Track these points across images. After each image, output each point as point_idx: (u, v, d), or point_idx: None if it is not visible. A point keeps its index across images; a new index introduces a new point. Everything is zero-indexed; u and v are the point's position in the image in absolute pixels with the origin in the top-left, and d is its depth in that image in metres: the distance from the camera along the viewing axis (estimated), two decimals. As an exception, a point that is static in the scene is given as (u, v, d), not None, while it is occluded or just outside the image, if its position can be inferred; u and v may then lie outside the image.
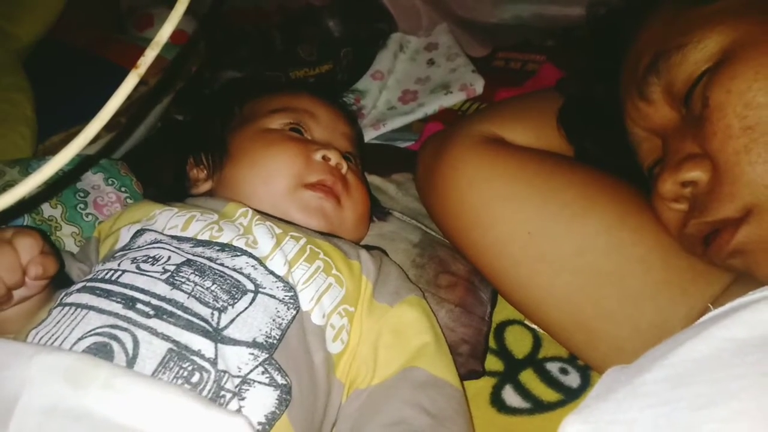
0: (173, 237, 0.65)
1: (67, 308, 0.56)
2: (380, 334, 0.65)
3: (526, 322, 0.81)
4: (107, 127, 0.69)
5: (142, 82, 0.55)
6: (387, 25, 1.33)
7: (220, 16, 1.28)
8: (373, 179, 0.91)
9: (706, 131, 0.56)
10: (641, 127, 0.65)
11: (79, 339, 0.53)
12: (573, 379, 0.74)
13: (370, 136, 1.15)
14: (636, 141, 0.67)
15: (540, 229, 0.70)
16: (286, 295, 0.60)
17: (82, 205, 0.87)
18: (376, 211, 0.87)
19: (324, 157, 0.76)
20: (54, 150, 1.01)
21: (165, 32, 0.49)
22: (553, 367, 0.76)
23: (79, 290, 0.58)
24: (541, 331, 0.78)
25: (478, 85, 1.20)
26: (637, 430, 0.34)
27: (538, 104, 0.82)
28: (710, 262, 0.60)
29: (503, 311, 0.82)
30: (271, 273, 0.62)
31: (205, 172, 0.82)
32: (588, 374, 0.74)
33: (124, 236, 0.68)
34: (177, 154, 0.86)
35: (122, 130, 1.03)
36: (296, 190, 0.74)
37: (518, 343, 0.79)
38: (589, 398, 0.39)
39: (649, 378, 0.37)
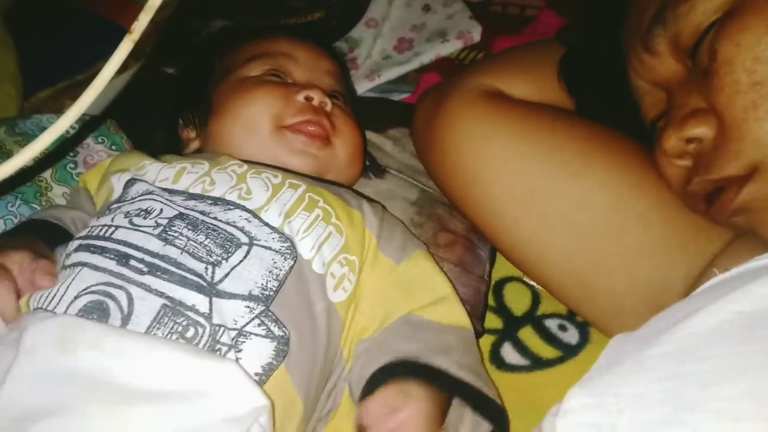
0: (164, 189, 0.65)
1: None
2: (387, 292, 0.65)
3: (525, 278, 0.80)
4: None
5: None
6: (381, -31, 1.29)
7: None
8: (369, 135, 0.89)
9: (712, 86, 0.54)
10: (645, 80, 0.63)
11: (76, 297, 0.53)
12: (572, 336, 0.74)
13: (364, 87, 1.12)
14: (639, 94, 0.65)
15: (540, 187, 0.69)
16: (282, 246, 0.60)
17: (71, 165, 0.85)
18: (373, 168, 0.85)
19: (306, 98, 0.74)
20: (41, 107, 0.98)
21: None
22: (551, 324, 0.76)
23: (76, 249, 0.58)
24: (540, 287, 0.78)
25: (476, 33, 1.15)
26: (642, 405, 0.34)
27: (538, 56, 0.80)
28: (712, 220, 0.59)
29: (502, 268, 0.81)
30: (266, 225, 0.61)
31: (194, 131, 0.80)
32: (587, 330, 0.74)
33: (116, 186, 0.68)
34: (167, 115, 0.84)
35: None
36: (279, 132, 0.72)
37: (517, 300, 0.79)
38: (594, 369, 0.38)
39: (656, 351, 0.36)
